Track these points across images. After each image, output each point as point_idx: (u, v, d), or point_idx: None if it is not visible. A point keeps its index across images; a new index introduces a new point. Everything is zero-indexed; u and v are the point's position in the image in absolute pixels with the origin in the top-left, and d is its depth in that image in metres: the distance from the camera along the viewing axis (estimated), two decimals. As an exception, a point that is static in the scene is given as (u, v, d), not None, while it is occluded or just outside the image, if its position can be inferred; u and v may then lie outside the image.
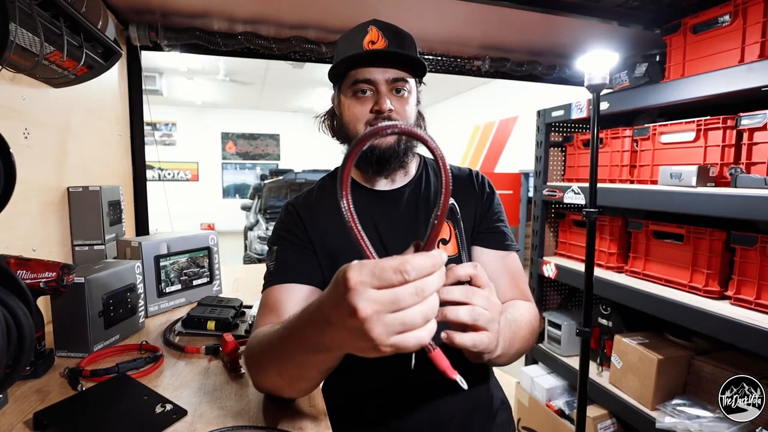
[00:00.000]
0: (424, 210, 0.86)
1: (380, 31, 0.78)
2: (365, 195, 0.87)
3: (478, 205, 0.88)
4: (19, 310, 0.49)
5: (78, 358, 0.95)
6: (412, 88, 0.81)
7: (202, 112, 10.96)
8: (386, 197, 0.87)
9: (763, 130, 1.33)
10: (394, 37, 0.78)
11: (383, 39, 0.77)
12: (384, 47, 0.76)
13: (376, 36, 0.77)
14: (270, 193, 5.87)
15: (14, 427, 0.70)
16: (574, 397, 1.72)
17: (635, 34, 1.75)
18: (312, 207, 0.89)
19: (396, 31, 0.81)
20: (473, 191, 0.90)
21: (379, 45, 0.76)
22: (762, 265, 1.30)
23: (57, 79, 1.16)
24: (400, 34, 0.81)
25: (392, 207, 0.86)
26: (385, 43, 0.77)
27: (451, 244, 0.82)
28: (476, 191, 0.90)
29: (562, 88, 2.38)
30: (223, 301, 1.28)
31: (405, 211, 0.85)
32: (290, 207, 0.90)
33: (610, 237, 1.86)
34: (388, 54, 0.77)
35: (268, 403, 0.80)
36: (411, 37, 0.82)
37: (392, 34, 0.79)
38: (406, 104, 0.79)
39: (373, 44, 0.77)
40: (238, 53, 1.84)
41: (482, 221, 0.88)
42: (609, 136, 1.86)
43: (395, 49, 0.77)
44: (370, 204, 0.86)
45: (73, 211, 1.34)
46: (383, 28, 0.80)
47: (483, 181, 0.93)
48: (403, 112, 0.79)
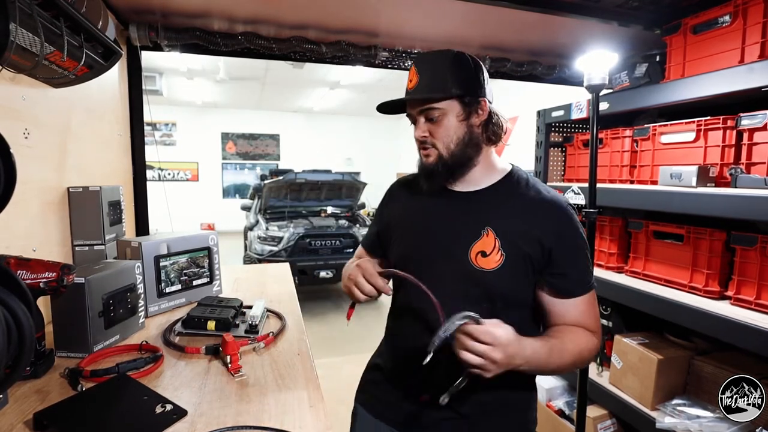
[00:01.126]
0: (474, 211, 0.94)
1: (416, 67, 0.91)
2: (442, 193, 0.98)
3: (545, 238, 0.88)
4: (20, 310, 0.49)
5: (78, 359, 0.96)
6: (448, 109, 0.89)
7: (202, 112, 10.96)
8: (453, 197, 0.97)
9: (763, 130, 1.33)
10: (425, 69, 0.90)
11: (416, 76, 0.90)
12: (416, 83, 0.90)
13: (413, 74, 0.91)
14: (270, 193, 5.85)
15: (14, 427, 0.70)
16: (574, 397, 1.72)
17: (635, 35, 1.75)
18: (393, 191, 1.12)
19: (428, 62, 0.92)
20: (545, 221, 0.89)
21: (413, 81, 0.90)
22: (762, 265, 1.30)
23: (57, 79, 1.16)
24: (432, 64, 0.91)
25: (459, 206, 0.96)
26: (417, 79, 0.90)
27: (491, 258, 0.87)
28: (549, 223, 0.89)
29: (562, 88, 2.38)
30: (223, 301, 1.29)
31: (466, 212, 0.94)
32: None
33: (610, 237, 1.86)
34: (407, 100, 0.92)
35: (268, 403, 0.81)
36: (445, 57, 0.91)
37: (424, 66, 0.91)
38: (440, 127, 0.90)
39: (410, 82, 0.91)
40: (238, 53, 1.84)
41: (559, 261, 0.88)
42: (609, 137, 1.86)
43: (413, 96, 0.91)
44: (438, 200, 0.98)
45: (74, 211, 1.34)
46: (419, 62, 0.92)
47: (564, 217, 0.90)
48: (437, 134, 0.91)
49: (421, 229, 0.97)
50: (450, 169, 0.92)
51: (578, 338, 0.86)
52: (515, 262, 0.87)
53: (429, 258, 0.93)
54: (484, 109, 0.92)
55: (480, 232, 0.88)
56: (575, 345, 0.85)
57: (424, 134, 0.91)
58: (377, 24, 1.74)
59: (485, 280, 0.87)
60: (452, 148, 0.90)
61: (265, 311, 1.29)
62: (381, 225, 1.08)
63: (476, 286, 0.88)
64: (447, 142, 0.90)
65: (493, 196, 0.93)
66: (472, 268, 0.87)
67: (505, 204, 0.92)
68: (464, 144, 0.91)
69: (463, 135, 0.91)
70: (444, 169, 0.91)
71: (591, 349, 0.87)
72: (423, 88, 0.88)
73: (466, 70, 0.90)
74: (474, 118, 0.91)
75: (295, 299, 1.49)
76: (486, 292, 0.88)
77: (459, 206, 0.94)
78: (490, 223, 0.89)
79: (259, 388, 0.87)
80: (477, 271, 0.87)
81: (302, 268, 4.70)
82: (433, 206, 0.97)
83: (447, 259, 0.91)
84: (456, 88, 0.88)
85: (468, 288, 0.88)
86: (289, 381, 0.91)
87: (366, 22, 1.73)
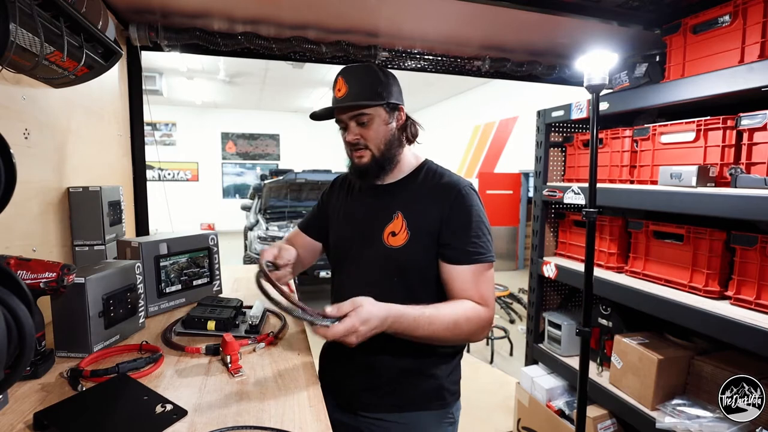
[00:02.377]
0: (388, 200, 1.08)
1: (344, 78, 1.01)
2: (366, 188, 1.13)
3: (442, 214, 1.01)
4: (20, 310, 0.49)
5: (78, 359, 0.96)
6: (376, 114, 1.01)
7: (202, 112, 10.97)
8: (375, 189, 1.12)
9: (763, 130, 1.33)
10: (353, 80, 1.01)
11: (345, 86, 1.00)
12: (345, 92, 1.00)
13: (341, 84, 1.01)
14: (270, 193, 5.86)
15: (15, 427, 0.70)
16: (574, 397, 1.72)
17: (635, 35, 1.75)
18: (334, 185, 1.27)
19: (355, 73, 1.02)
20: (442, 200, 1.03)
21: (342, 91, 1.00)
22: (762, 265, 1.30)
23: (57, 79, 1.16)
24: (357, 75, 1.02)
25: (378, 196, 1.10)
26: (346, 89, 1.00)
27: (399, 237, 1.02)
28: (445, 201, 1.03)
29: (562, 88, 2.38)
30: (223, 301, 1.29)
31: (383, 200, 1.09)
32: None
33: (610, 237, 1.86)
34: (339, 108, 1.02)
35: (268, 403, 0.81)
36: (369, 70, 1.03)
37: (352, 77, 1.01)
38: (369, 129, 1.02)
39: (339, 91, 1.01)
40: (238, 53, 1.84)
41: (447, 232, 1.00)
42: (609, 137, 1.86)
43: (343, 104, 1.01)
44: (363, 194, 1.14)
45: (74, 211, 1.34)
46: (346, 74, 1.02)
47: (457, 196, 1.03)
48: (368, 136, 1.02)
49: (348, 219, 1.13)
50: (381, 166, 1.05)
51: (457, 307, 0.95)
52: (418, 238, 1.01)
53: (353, 241, 1.09)
54: (402, 113, 1.07)
55: (392, 216, 1.04)
56: (451, 312, 0.93)
57: (356, 137, 1.02)
58: (377, 24, 1.74)
59: (395, 256, 1.02)
60: (382, 148, 1.03)
61: (265, 311, 1.29)
62: (320, 213, 1.24)
63: (388, 261, 1.02)
64: (378, 143, 1.03)
65: (405, 185, 1.09)
66: (385, 247, 1.03)
67: (414, 191, 1.06)
68: (391, 144, 1.04)
69: (390, 136, 1.04)
70: (376, 167, 1.05)
71: (470, 318, 0.95)
72: (354, 96, 0.99)
73: (386, 82, 1.03)
74: (394, 122, 1.05)
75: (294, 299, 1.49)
76: (396, 266, 1.02)
77: (378, 196, 1.09)
78: (399, 207, 1.04)
79: (259, 388, 0.87)
80: (388, 248, 1.02)
81: (302, 269, 4.69)
82: (359, 198, 1.14)
83: (366, 241, 1.06)
84: (381, 96, 1.01)
85: (382, 264, 1.03)
86: (289, 381, 0.91)
87: (366, 22, 1.73)
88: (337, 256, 1.15)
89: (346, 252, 1.11)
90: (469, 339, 1.01)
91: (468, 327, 0.95)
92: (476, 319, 0.96)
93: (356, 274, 1.08)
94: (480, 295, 0.98)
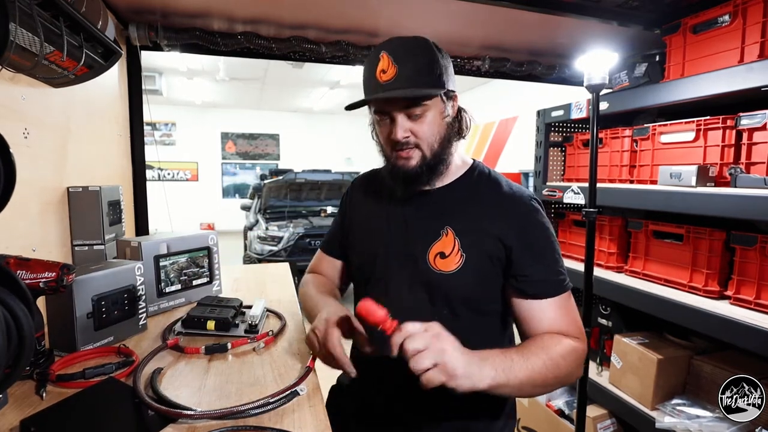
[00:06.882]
0: (433, 210, 0.89)
1: (391, 56, 0.78)
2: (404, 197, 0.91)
3: (505, 236, 0.82)
4: (19, 310, 0.49)
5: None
6: (433, 104, 0.81)
7: (201, 112, 10.96)
8: (420, 197, 0.90)
9: (762, 130, 1.33)
10: (406, 58, 0.78)
11: (393, 66, 0.77)
12: (394, 74, 0.77)
13: (387, 64, 0.78)
14: (270, 193, 5.86)
15: (14, 427, 0.70)
16: (574, 396, 1.72)
17: (635, 34, 1.75)
18: (358, 186, 1.07)
19: (408, 50, 0.79)
20: (505, 217, 0.84)
21: (389, 73, 0.77)
22: (762, 265, 1.30)
23: (57, 79, 1.16)
24: (411, 52, 0.79)
25: (420, 206, 0.90)
26: (395, 70, 0.77)
27: (450, 260, 0.82)
28: (509, 219, 0.83)
29: (562, 88, 2.38)
30: (222, 301, 1.28)
31: (426, 211, 0.89)
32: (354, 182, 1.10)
33: (609, 237, 1.86)
34: (389, 98, 0.79)
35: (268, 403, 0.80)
36: (426, 46, 0.81)
37: (403, 55, 0.78)
38: (423, 124, 0.81)
39: (384, 73, 0.78)
40: (238, 53, 1.84)
41: (523, 261, 0.81)
42: (609, 136, 1.86)
43: (396, 92, 0.78)
44: (398, 200, 0.92)
45: (73, 211, 1.34)
46: (394, 50, 0.79)
47: (529, 213, 0.84)
48: (421, 132, 0.81)
49: (379, 233, 0.91)
50: (432, 170, 0.84)
51: (552, 345, 0.76)
52: (477, 263, 0.81)
53: (387, 263, 0.87)
54: (456, 102, 0.86)
55: (440, 232, 0.83)
56: (547, 354, 0.73)
57: (407, 135, 0.81)
58: (377, 24, 1.74)
59: (445, 284, 0.81)
60: (436, 147, 0.83)
61: (265, 311, 1.29)
62: (343, 230, 1.03)
63: (436, 290, 0.82)
64: (431, 142, 0.82)
65: (454, 193, 0.87)
66: (431, 271, 0.82)
67: (466, 201, 0.85)
68: (445, 142, 0.84)
69: (444, 132, 0.84)
70: (428, 171, 0.83)
71: (565, 355, 0.75)
72: (408, 80, 0.77)
73: (445, 63, 0.82)
74: (450, 113, 0.85)
75: (294, 299, 1.49)
76: (446, 297, 0.82)
77: (419, 206, 0.88)
78: (449, 222, 0.83)
79: (259, 388, 0.87)
80: (436, 273, 0.81)
81: (302, 268, 4.65)
82: (392, 207, 0.91)
83: (406, 262, 0.85)
84: (441, 82, 0.80)
85: (426, 292, 0.83)
86: (289, 381, 0.91)
87: (366, 22, 1.73)
88: (362, 277, 0.93)
89: (372, 273, 0.89)
90: (567, 381, 0.78)
91: (570, 367, 0.75)
92: (576, 356, 0.77)
93: (387, 304, 0.76)
94: (577, 327, 0.81)
